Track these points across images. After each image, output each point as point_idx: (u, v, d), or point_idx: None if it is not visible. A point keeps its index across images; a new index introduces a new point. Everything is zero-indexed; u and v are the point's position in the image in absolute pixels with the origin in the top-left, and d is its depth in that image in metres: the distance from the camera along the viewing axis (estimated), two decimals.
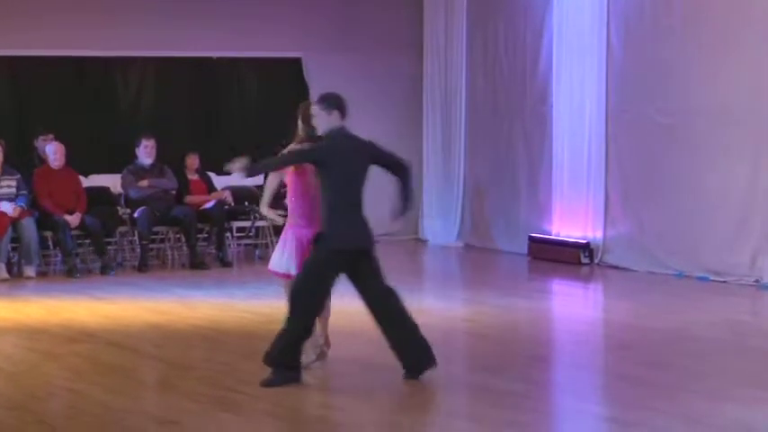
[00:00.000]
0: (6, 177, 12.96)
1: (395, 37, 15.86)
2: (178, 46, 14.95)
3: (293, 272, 7.99)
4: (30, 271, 12.75)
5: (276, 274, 8.19)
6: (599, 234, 13.41)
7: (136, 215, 13.43)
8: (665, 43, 12.62)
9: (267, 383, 7.59)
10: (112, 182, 14.03)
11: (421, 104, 15.83)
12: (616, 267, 13.09)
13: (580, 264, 13.31)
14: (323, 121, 7.76)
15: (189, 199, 13.90)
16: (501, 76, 14.83)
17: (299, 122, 8.21)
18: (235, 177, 14.68)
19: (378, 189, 8.21)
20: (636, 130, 13.01)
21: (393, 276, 7.96)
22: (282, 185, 8.33)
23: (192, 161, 14.12)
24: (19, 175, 13.04)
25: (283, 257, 8.09)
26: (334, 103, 7.76)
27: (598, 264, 13.33)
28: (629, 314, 10.57)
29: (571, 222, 13.72)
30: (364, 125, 15.16)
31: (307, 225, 8.04)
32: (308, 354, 8.04)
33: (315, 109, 7.83)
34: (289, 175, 8.13)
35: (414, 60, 15.82)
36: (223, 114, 15.47)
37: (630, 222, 13.12)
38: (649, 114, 12.81)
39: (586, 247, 13.36)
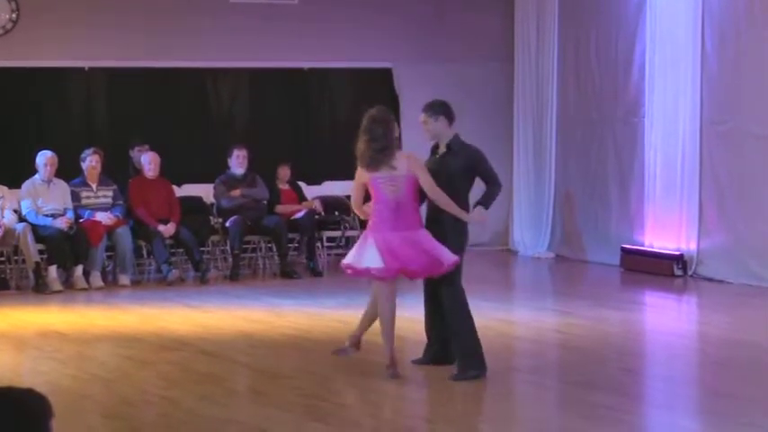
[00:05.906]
0: (103, 188, 13.18)
1: (485, 46, 15.82)
2: (270, 57, 15.08)
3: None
4: (124, 279, 12.92)
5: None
6: (693, 246, 13.20)
7: (228, 224, 13.55)
8: (761, 52, 12.41)
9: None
10: (205, 191, 14.19)
11: (511, 114, 15.76)
12: (710, 279, 12.88)
13: (673, 276, 13.13)
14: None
15: (279, 209, 13.99)
16: (592, 86, 14.71)
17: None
18: (324, 187, 14.96)
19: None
20: (731, 140, 12.80)
21: (484, 287, 7.95)
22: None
23: (284, 171, 14.22)
24: (115, 186, 13.24)
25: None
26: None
27: (692, 276, 13.14)
28: (723, 327, 10.40)
29: (664, 233, 13.54)
30: None
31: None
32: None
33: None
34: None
35: (504, 69, 15.76)
36: (313, 125, 15.56)
37: (725, 234, 12.90)
38: (745, 125, 12.60)
39: (680, 259, 13.18)
